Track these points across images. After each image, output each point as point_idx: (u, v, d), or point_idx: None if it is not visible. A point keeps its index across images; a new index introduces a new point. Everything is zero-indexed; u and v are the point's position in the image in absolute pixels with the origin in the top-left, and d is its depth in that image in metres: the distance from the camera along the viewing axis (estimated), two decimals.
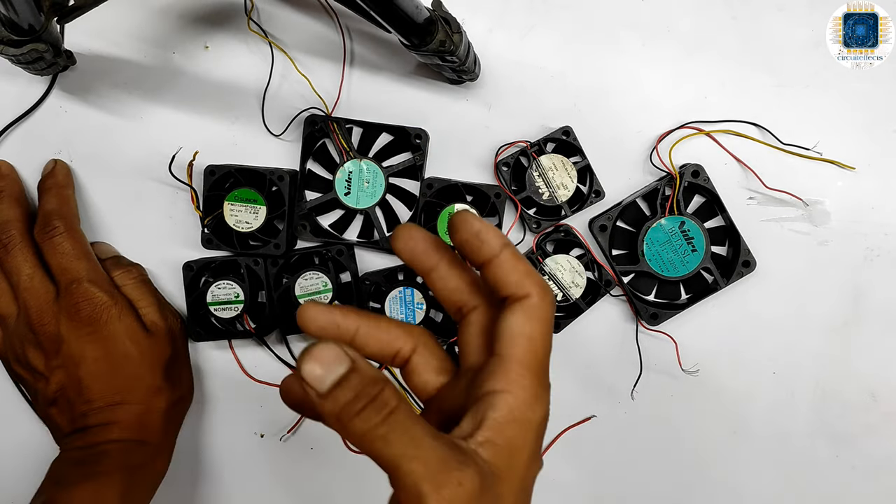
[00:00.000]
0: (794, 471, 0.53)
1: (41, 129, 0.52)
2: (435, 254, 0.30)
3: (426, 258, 0.30)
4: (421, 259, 0.30)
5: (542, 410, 0.28)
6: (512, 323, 0.28)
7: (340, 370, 0.24)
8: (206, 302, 0.49)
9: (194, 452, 0.53)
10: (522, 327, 0.28)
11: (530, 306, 0.28)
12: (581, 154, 0.51)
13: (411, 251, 0.30)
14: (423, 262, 0.30)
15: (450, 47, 0.44)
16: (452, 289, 0.30)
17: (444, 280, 0.30)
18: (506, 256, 0.28)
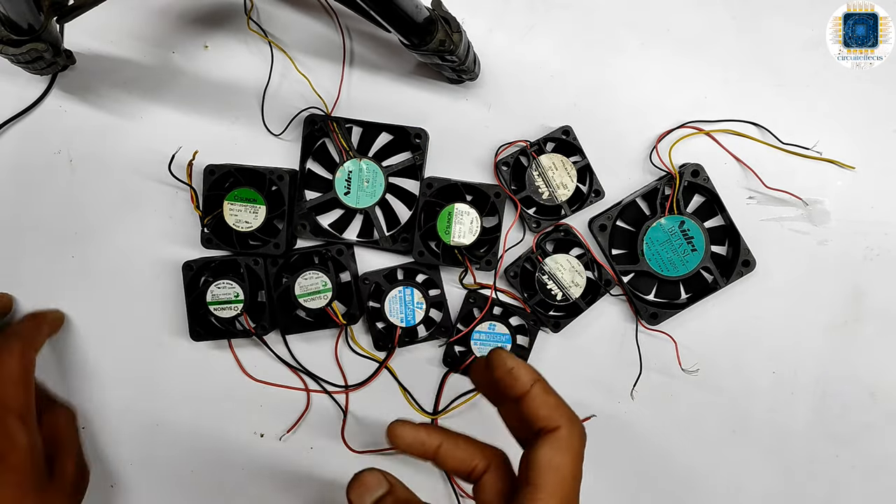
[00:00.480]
0: (794, 470, 0.53)
1: (41, 128, 0.52)
2: (429, 439, 0.34)
3: (425, 447, 0.34)
4: (421, 450, 0.34)
5: None
6: (542, 455, 0.31)
7: (380, 492, 0.32)
8: (206, 301, 0.49)
9: (194, 452, 0.53)
10: (552, 459, 0.31)
11: (559, 438, 0.31)
12: (581, 153, 0.51)
13: (408, 446, 0.34)
14: (424, 451, 0.34)
15: (449, 47, 0.44)
16: (461, 459, 0.34)
17: (449, 455, 0.34)
18: (536, 391, 0.32)
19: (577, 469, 0.32)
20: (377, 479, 0.32)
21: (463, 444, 0.34)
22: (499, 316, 0.51)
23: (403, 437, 0.34)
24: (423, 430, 0.34)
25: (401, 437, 0.34)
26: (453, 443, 0.34)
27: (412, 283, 0.50)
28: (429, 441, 0.34)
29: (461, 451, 0.34)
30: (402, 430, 0.34)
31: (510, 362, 0.32)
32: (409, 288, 0.50)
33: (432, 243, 0.50)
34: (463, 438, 0.34)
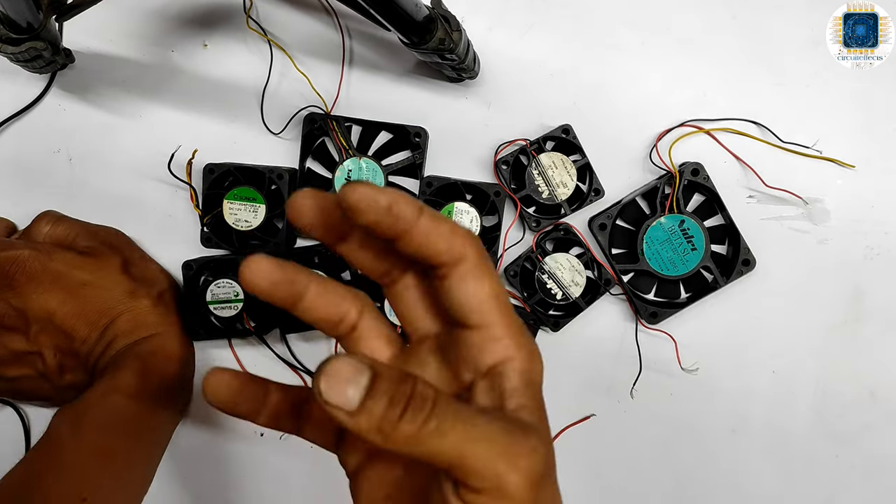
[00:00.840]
0: (793, 470, 0.53)
1: (40, 127, 0.52)
2: (299, 277, 0.26)
3: (294, 287, 0.26)
4: (288, 291, 0.26)
5: (541, 361, 0.26)
6: (469, 291, 0.25)
7: (364, 381, 0.21)
8: (206, 301, 0.49)
9: (194, 451, 0.53)
10: (482, 291, 0.25)
11: (473, 267, 0.25)
12: (581, 152, 0.51)
13: (272, 286, 0.26)
14: (291, 294, 0.26)
15: (449, 45, 0.44)
16: (333, 303, 0.27)
17: (321, 300, 0.27)
18: (425, 222, 0.24)
19: (504, 289, 0.26)
20: (353, 366, 0.21)
21: (332, 286, 0.27)
22: None
23: (269, 275, 0.25)
24: (292, 267, 0.26)
25: (265, 274, 0.25)
26: (322, 284, 0.26)
27: None
28: (297, 279, 0.26)
29: (331, 292, 0.27)
30: (267, 266, 0.25)
31: (383, 198, 0.23)
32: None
33: None
34: (330, 280, 0.27)
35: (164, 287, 0.50)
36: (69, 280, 0.47)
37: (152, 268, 0.51)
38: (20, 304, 0.46)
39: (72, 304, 0.46)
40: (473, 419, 0.22)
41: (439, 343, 0.27)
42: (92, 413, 0.43)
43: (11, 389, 0.49)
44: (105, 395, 0.44)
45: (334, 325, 0.27)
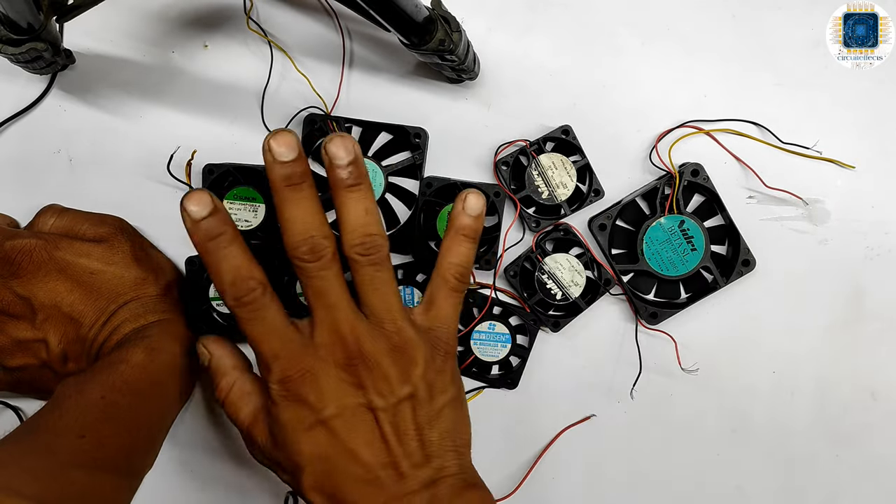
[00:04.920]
0: (794, 470, 0.53)
1: (40, 127, 0.52)
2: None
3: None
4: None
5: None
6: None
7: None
8: (209, 297, 0.49)
9: (194, 452, 0.53)
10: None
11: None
12: (580, 153, 0.51)
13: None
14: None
15: (449, 46, 0.44)
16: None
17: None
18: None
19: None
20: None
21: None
22: (498, 315, 0.51)
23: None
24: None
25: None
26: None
27: (413, 282, 0.50)
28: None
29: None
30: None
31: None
32: (410, 287, 0.50)
33: (432, 243, 0.50)
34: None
35: (172, 278, 0.50)
36: (77, 268, 0.47)
37: (160, 258, 0.51)
38: (26, 293, 0.46)
39: (79, 292, 0.47)
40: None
41: None
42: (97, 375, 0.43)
43: (13, 380, 0.49)
44: (111, 364, 0.44)
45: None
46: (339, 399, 0.40)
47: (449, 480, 0.40)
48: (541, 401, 0.52)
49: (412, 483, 0.40)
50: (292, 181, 0.39)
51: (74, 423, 0.41)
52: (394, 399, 0.40)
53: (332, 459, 0.40)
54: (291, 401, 0.40)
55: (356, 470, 0.40)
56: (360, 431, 0.40)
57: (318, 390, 0.40)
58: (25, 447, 0.39)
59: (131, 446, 0.43)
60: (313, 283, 0.40)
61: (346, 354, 0.40)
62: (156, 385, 0.45)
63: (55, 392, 0.43)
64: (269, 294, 0.40)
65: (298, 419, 0.40)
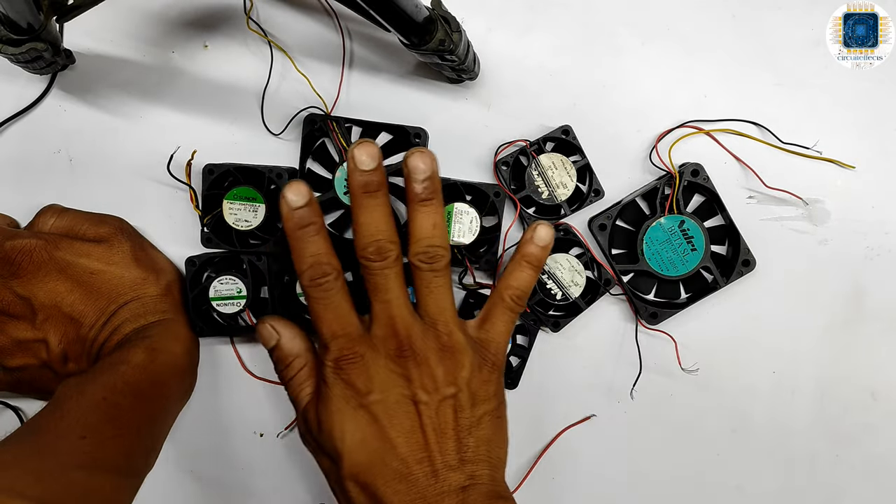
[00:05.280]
0: (794, 470, 0.53)
1: (40, 127, 0.52)
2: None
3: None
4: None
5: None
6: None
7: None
8: (209, 297, 0.49)
9: (193, 451, 0.53)
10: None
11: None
12: (580, 153, 0.51)
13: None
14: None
15: (449, 46, 0.44)
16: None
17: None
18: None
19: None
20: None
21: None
22: None
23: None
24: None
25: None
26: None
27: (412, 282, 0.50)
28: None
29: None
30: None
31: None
32: (410, 288, 0.50)
33: None
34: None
35: (172, 278, 0.50)
36: (77, 268, 0.47)
37: (160, 258, 0.51)
38: (26, 293, 0.46)
39: (80, 292, 0.47)
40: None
41: None
42: (98, 376, 0.44)
43: (13, 380, 0.49)
44: (112, 365, 0.44)
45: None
46: (386, 387, 0.42)
47: (481, 489, 0.41)
48: (541, 401, 0.52)
49: (444, 484, 0.40)
50: (369, 189, 0.43)
51: (76, 425, 0.41)
52: (438, 396, 0.42)
53: (371, 446, 0.41)
54: (341, 381, 0.42)
55: (392, 461, 0.41)
56: (400, 421, 0.41)
57: (367, 375, 0.42)
58: (28, 448, 0.39)
59: (132, 447, 0.43)
60: (375, 280, 0.43)
61: (397, 346, 0.42)
62: (157, 385, 0.45)
63: (56, 393, 0.43)
64: (341, 282, 0.43)
65: (345, 399, 0.42)
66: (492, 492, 0.41)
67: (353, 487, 0.41)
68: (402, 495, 0.40)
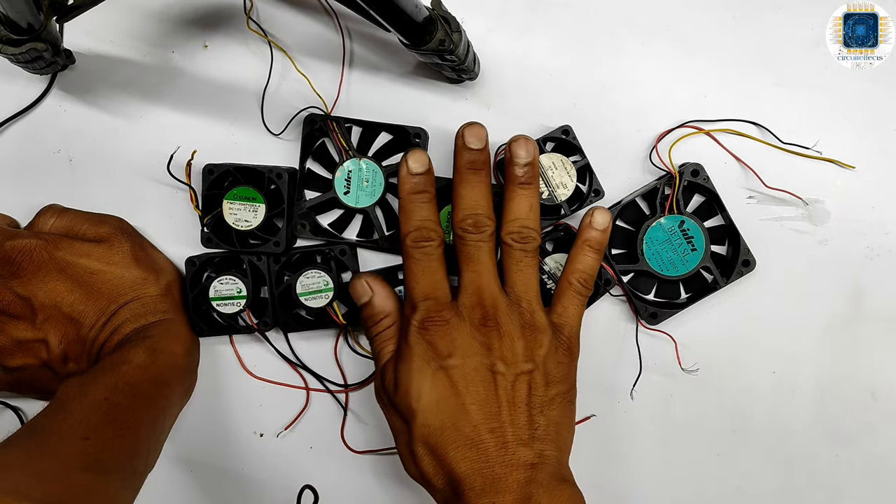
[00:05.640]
0: (794, 470, 0.53)
1: (40, 128, 0.52)
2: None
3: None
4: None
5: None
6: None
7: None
8: (209, 297, 0.49)
9: (193, 452, 0.53)
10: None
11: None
12: (580, 153, 0.51)
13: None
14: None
15: (449, 46, 0.44)
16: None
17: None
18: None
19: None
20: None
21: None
22: None
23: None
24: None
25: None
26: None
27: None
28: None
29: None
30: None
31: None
32: None
33: None
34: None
35: (172, 278, 0.50)
36: (77, 268, 0.47)
37: (160, 258, 0.51)
38: (26, 293, 0.46)
39: (80, 292, 0.47)
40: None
41: None
42: (100, 376, 0.44)
43: (13, 380, 0.49)
44: (114, 365, 0.44)
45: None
46: (466, 353, 0.42)
47: (548, 468, 0.42)
48: None
49: (513, 457, 0.41)
50: (475, 166, 0.45)
51: (79, 426, 0.41)
52: (515, 370, 0.43)
53: (445, 410, 0.42)
54: (425, 342, 0.43)
55: (464, 427, 0.41)
56: (477, 388, 0.42)
57: (450, 339, 0.43)
58: (31, 450, 0.39)
59: (134, 447, 0.43)
60: (468, 251, 0.44)
61: (482, 316, 0.43)
62: (158, 385, 0.45)
63: (58, 393, 0.43)
64: (441, 251, 0.45)
65: (425, 359, 0.42)
66: (558, 474, 0.42)
67: (422, 449, 0.42)
68: (471, 462, 0.41)
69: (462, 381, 0.42)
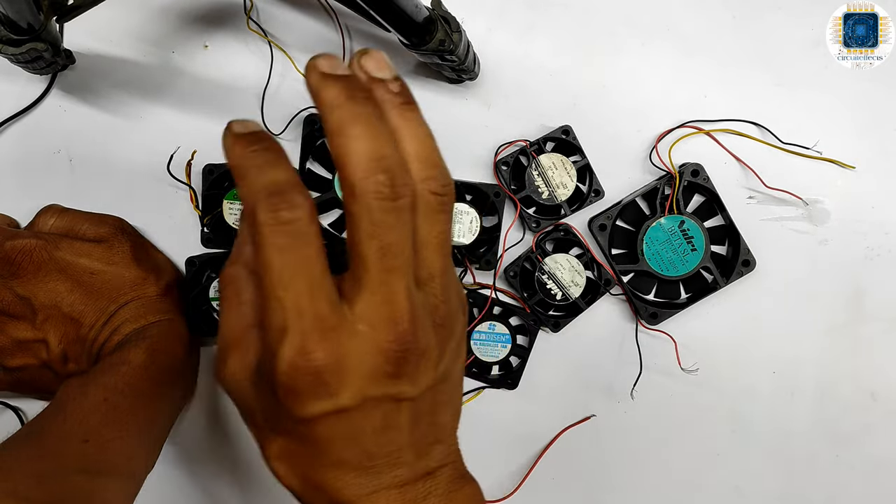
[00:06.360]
0: (794, 470, 0.53)
1: (40, 128, 0.52)
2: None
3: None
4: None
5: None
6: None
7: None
8: (209, 297, 0.49)
9: (194, 449, 0.53)
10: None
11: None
12: (580, 153, 0.51)
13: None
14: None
15: (449, 46, 0.44)
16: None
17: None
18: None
19: None
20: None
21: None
22: (498, 316, 0.51)
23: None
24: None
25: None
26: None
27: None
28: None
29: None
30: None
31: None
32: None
33: None
34: None
35: (172, 278, 0.50)
36: (77, 268, 0.47)
37: (160, 258, 0.51)
38: (26, 293, 0.46)
39: (80, 292, 0.47)
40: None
41: None
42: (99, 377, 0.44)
43: (13, 380, 0.49)
44: (113, 366, 0.44)
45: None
46: (364, 390, 0.29)
47: (446, 471, 0.33)
48: (541, 401, 0.52)
49: (407, 472, 0.32)
50: (353, 94, 0.28)
51: (78, 428, 0.41)
52: (425, 385, 0.31)
53: (326, 444, 0.31)
54: (301, 377, 0.28)
55: (350, 456, 0.31)
56: (373, 421, 0.30)
57: (340, 375, 0.28)
58: (30, 452, 0.39)
59: (133, 449, 0.43)
60: (381, 233, 0.27)
61: (395, 341, 0.28)
62: (157, 386, 0.45)
63: (58, 394, 0.43)
64: (316, 226, 0.28)
65: (303, 395, 0.29)
66: (456, 472, 0.34)
67: (285, 469, 0.35)
68: (357, 487, 0.32)
69: (356, 417, 0.30)
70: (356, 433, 0.30)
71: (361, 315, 0.28)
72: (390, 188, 0.27)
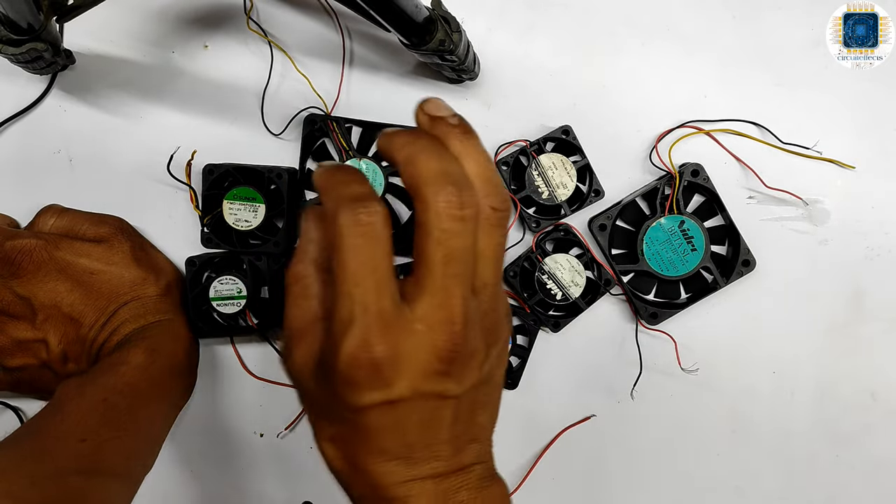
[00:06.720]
0: (794, 470, 0.53)
1: (40, 127, 0.52)
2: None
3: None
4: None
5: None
6: None
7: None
8: (209, 297, 0.49)
9: (194, 450, 0.53)
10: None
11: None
12: (580, 153, 0.51)
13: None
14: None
15: (449, 46, 0.44)
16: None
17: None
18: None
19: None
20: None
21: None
22: None
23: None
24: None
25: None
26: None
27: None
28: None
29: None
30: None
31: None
32: None
33: None
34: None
35: (172, 278, 0.50)
36: (77, 268, 0.47)
37: (160, 258, 0.51)
38: (26, 293, 0.46)
39: (79, 292, 0.47)
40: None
41: None
42: (98, 377, 0.44)
43: (13, 380, 0.49)
44: (112, 366, 0.44)
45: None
46: (416, 385, 0.31)
47: (479, 469, 0.35)
48: (541, 401, 0.52)
49: (443, 466, 0.34)
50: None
51: (76, 428, 0.41)
52: (469, 385, 0.33)
53: (374, 432, 0.33)
54: (359, 367, 0.30)
55: (393, 445, 0.33)
56: (419, 415, 0.33)
57: (396, 369, 0.31)
58: (26, 452, 0.39)
59: (131, 449, 0.43)
60: (448, 240, 0.30)
61: (449, 344, 0.31)
62: (156, 386, 0.45)
63: (56, 394, 0.43)
64: (389, 232, 0.31)
65: (360, 384, 0.31)
66: (487, 471, 0.36)
67: (332, 451, 0.35)
68: (396, 474, 0.34)
69: (404, 410, 0.33)
70: (402, 425, 0.33)
71: (420, 315, 0.31)
72: (458, 198, 0.30)
